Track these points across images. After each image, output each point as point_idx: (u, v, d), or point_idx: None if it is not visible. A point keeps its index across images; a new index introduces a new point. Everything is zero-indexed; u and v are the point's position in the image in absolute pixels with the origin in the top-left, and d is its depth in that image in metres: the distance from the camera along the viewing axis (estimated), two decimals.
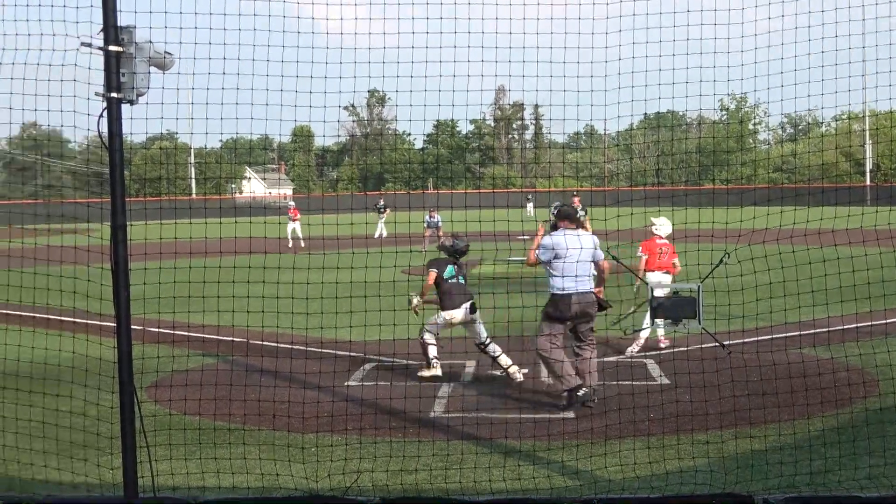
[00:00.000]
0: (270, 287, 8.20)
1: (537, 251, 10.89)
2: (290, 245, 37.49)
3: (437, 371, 12.46)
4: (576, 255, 10.57)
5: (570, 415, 9.94)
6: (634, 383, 10.98)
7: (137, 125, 5.31)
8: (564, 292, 10.57)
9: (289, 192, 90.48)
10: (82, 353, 7.44)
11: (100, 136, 4.99)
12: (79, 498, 5.61)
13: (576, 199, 26.29)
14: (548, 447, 8.42)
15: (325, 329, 8.76)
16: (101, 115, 4.99)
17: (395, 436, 9.28)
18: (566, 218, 11.07)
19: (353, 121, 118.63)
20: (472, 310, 12.36)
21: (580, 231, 10.98)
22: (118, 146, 4.98)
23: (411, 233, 32.14)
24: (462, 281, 12.71)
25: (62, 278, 6.80)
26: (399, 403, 10.09)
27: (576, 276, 10.61)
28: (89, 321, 8.44)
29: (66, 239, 7.46)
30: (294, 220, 41.61)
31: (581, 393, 10.41)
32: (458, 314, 12.36)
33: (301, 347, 12.28)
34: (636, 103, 7.13)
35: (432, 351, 12.56)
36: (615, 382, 11.01)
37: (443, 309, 12.55)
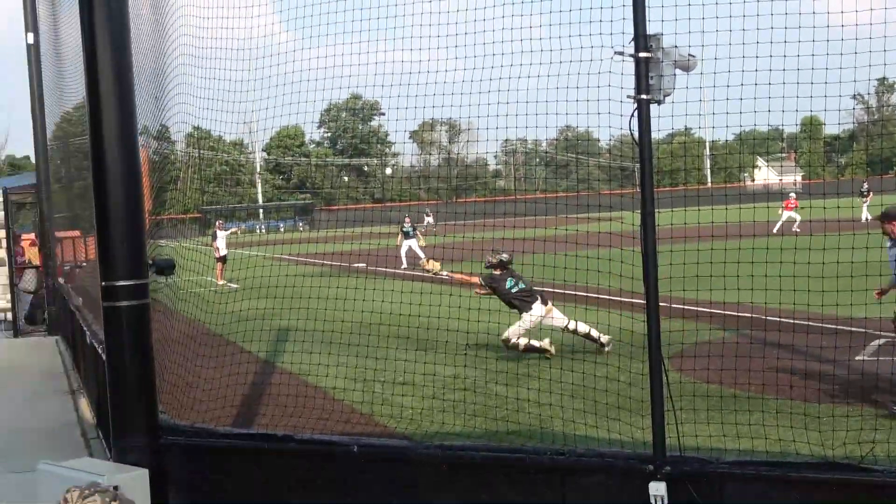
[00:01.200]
0: (776, 267, 7.96)
1: None
2: (775, 230, 36.08)
3: (546, 344, 12.33)
4: None
5: None
6: None
7: (660, 123, 5.34)
8: None
9: (798, 178, 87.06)
10: (615, 326, 7.64)
11: (631, 134, 5.10)
12: (612, 452, 5.76)
13: None
14: None
15: (840, 306, 8.33)
16: (631, 116, 5.10)
17: None
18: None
19: (862, 108, 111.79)
20: (544, 302, 12.64)
21: None
22: (647, 142, 5.07)
23: None
24: (523, 286, 12.91)
25: (598, 260, 7.02)
26: None
27: None
28: (622, 298, 8.68)
29: (603, 226, 7.69)
30: (787, 210, 40.23)
31: None
32: (536, 312, 12.60)
33: (815, 323, 11.74)
34: None
35: (535, 343, 12.50)
36: None
37: (522, 312, 12.73)
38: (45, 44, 22.47)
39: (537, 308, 13.03)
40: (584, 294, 9.50)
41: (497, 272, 13.56)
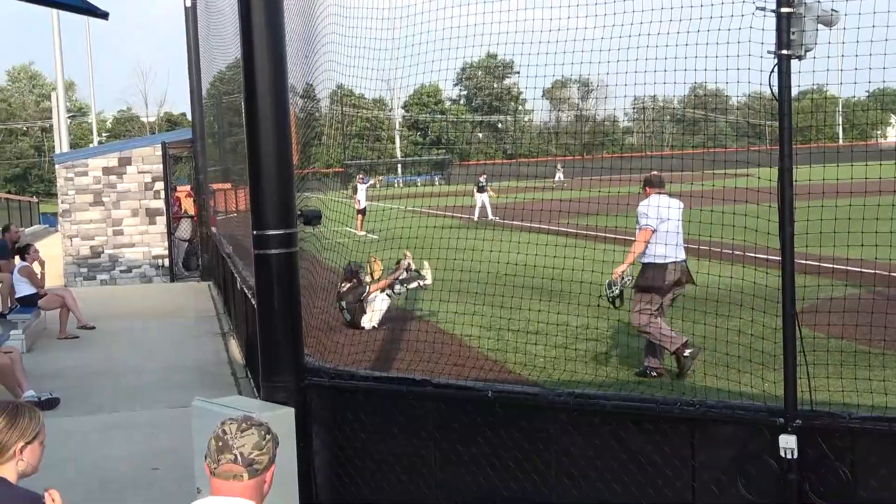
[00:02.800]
0: None
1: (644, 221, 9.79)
2: None
3: None
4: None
5: None
6: None
7: (800, 78, 5.13)
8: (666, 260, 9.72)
9: None
10: (749, 280, 7.45)
11: (770, 89, 4.92)
12: (743, 405, 5.63)
13: None
14: None
15: None
16: (771, 72, 4.92)
17: None
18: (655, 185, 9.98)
19: None
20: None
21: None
22: (787, 97, 4.89)
23: None
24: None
25: (734, 215, 6.84)
26: None
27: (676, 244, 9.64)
28: (756, 254, 8.45)
29: (740, 181, 7.49)
30: None
31: (688, 352, 9.64)
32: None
33: None
34: None
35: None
36: None
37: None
38: (201, 6, 23.03)
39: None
40: (718, 249, 9.28)
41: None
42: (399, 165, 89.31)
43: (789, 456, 5.05)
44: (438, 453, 6.34)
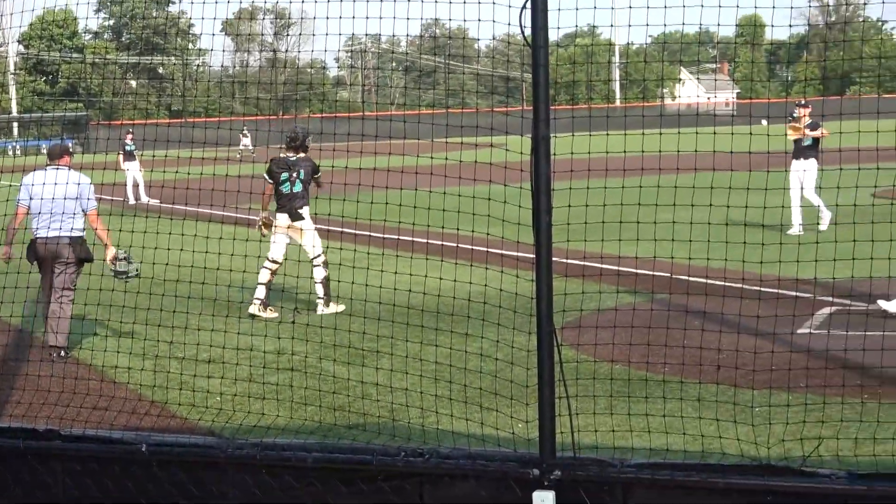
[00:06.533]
0: (703, 212, 8.07)
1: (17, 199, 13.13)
2: None
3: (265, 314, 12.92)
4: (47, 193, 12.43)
5: None
6: None
7: (559, 18, 5.34)
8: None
9: (732, 96, 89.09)
10: (493, 286, 7.68)
11: (521, 30, 5.04)
12: (487, 453, 5.82)
13: None
14: None
15: (783, 264, 8.54)
16: (523, 7, 5.03)
17: (865, 396, 8.99)
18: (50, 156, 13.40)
19: (815, 6, 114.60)
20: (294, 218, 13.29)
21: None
22: (543, 42, 4.99)
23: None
24: (289, 189, 13.50)
25: (474, 199, 7.02)
26: (870, 357, 9.65)
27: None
28: (504, 251, 8.70)
29: (481, 155, 7.69)
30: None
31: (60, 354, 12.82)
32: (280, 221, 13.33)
33: (751, 286, 12.01)
34: None
35: (260, 291, 12.85)
36: None
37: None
38: None
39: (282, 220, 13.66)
40: (454, 244, 9.51)
41: (282, 157, 13.97)
42: (15, 124, 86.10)
43: None
44: None
